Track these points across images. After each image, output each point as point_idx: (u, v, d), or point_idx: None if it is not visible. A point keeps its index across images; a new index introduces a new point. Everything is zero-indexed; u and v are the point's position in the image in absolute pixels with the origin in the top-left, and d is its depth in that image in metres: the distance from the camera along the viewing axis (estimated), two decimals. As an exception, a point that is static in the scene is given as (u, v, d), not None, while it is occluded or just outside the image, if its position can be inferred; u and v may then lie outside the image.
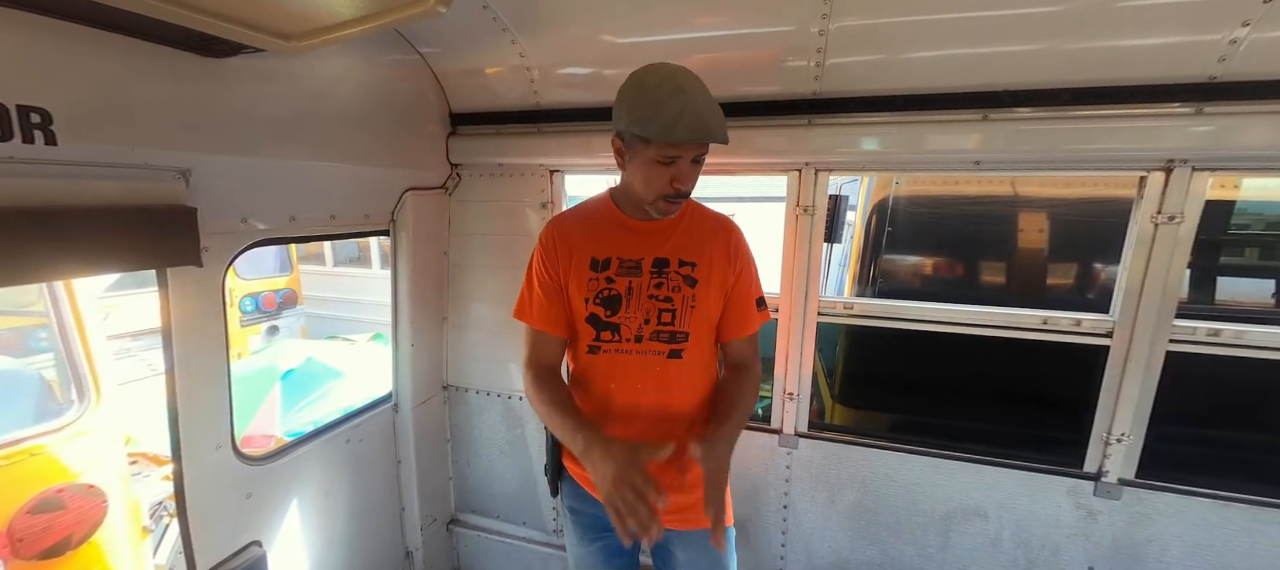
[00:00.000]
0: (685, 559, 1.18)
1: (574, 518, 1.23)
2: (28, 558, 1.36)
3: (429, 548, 1.94)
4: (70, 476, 1.47)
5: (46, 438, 1.44)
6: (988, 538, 1.47)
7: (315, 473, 1.52)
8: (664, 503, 0.90)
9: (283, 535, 1.41)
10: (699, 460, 1.01)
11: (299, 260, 6.70)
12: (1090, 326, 1.34)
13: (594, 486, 1.07)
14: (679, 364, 1.11)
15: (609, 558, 1.23)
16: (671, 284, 1.10)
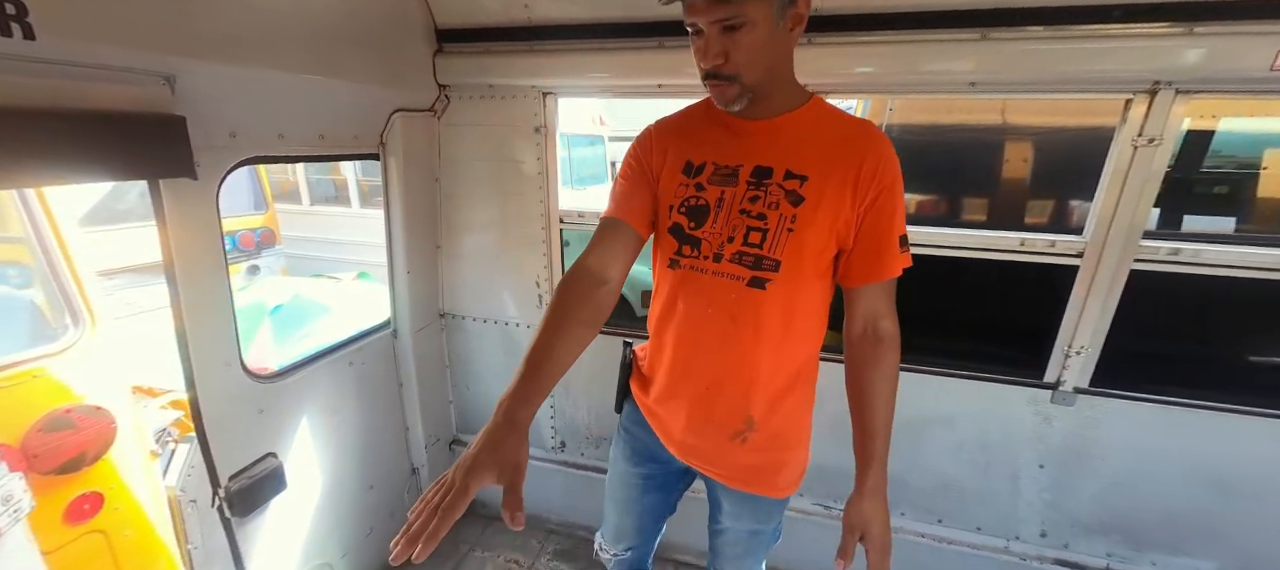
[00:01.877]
0: (729, 511, 1.13)
1: (627, 438, 1.19)
2: (46, 472, 1.40)
3: (433, 465, 2.04)
4: (75, 398, 1.49)
5: (46, 360, 1.44)
6: (953, 442, 1.61)
7: (322, 392, 1.57)
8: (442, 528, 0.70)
9: (296, 448, 1.48)
10: (860, 532, 0.92)
11: (274, 198, 6.48)
12: (1063, 247, 1.42)
13: (654, 416, 1.09)
14: (760, 297, 0.92)
15: (648, 485, 1.20)
16: (769, 199, 0.90)
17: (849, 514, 0.94)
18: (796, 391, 1.02)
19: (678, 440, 1.06)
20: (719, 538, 1.20)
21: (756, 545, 1.18)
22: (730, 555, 1.20)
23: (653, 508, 1.25)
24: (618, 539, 1.29)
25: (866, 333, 0.97)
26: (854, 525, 0.93)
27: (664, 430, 1.09)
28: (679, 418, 1.04)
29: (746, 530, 1.15)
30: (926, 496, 1.67)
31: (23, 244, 1.55)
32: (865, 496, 0.93)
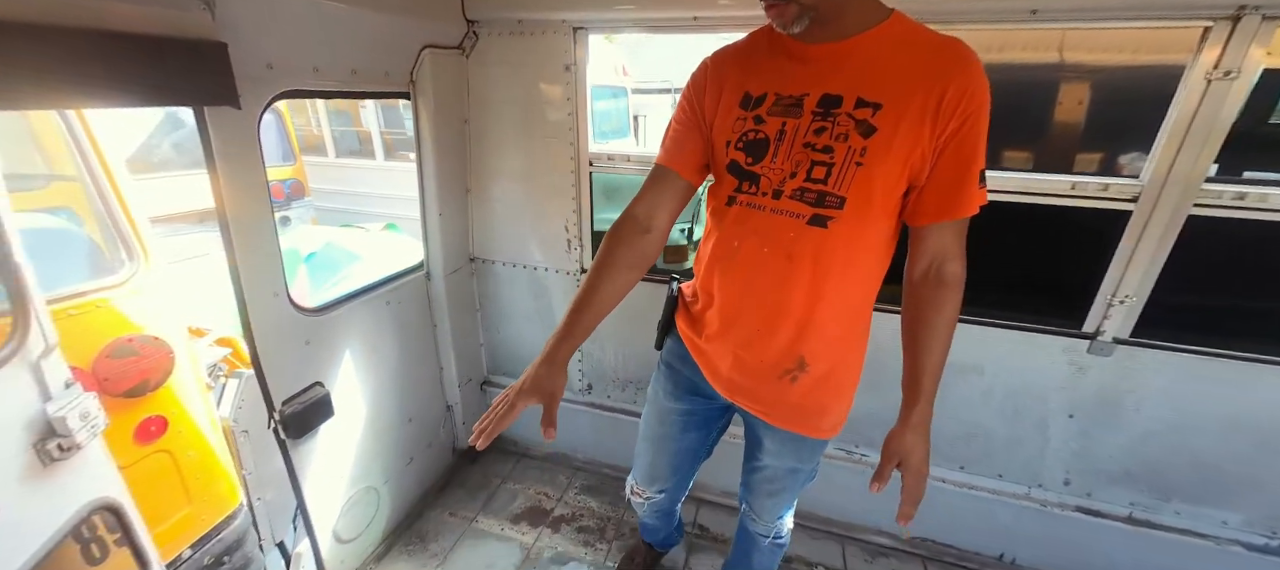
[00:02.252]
0: (770, 448, 1.14)
1: (669, 374, 1.18)
2: (115, 395, 1.49)
3: (466, 404, 2.12)
4: (135, 328, 1.58)
5: (107, 293, 1.52)
6: (981, 390, 1.60)
7: (362, 328, 1.63)
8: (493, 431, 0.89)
9: (341, 379, 1.55)
10: (901, 463, 0.93)
11: (300, 151, 6.57)
12: (1117, 191, 1.36)
13: (701, 353, 1.09)
14: (821, 236, 0.87)
15: (688, 422, 1.20)
16: (838, 130, 0.83)
17: (890, 443, 0.96)
18: (851, 335, 0.99)
19: (725, 378, 1.06)
20: (756, 475, 1.22)
21: (793, 483, 1.19)
22: (766, 492, 1.22)
23: (690, 448, 1.25)
24: (651, 480, 1.30)
25: (929, 275, 0.91)
26: (894, 453, 0.95)
27: (711, 368, 1.08)
28: (727, 356, 1.03)
29: (786, 468, 1.16)
30: (950, 443, 1.68)
31: (76, 182, 1.61)
32: (909, 429, 0.93)
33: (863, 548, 1.84)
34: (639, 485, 1.33)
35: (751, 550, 1.37)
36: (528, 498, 2.05)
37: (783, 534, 1.32)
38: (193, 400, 1.75)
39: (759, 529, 1.31)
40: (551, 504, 2.02)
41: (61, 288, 1.49)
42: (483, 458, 2.25)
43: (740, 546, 1.42)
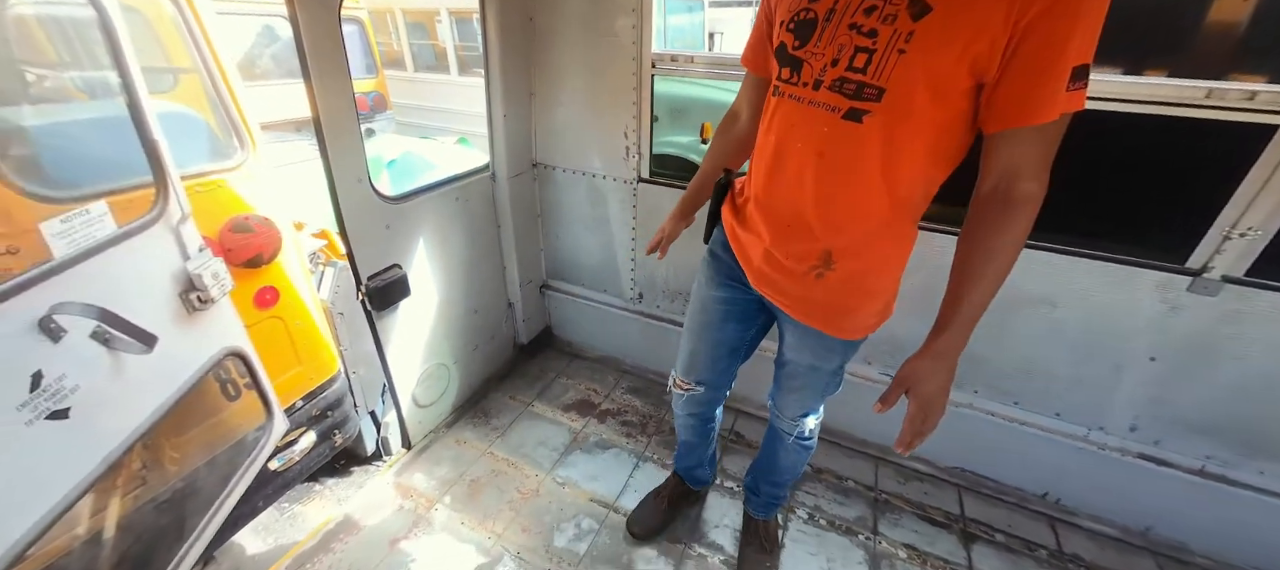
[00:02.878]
0: (791, 342, 1.16)
1: (713, 262, 1.21)
2: (236, 265, 1.74)
3: (526, 304, 2.28)
4: (249, 209, 1.81)
5: (225, 175, 1.75)
6: (1051, 324, 1.50)
7: (434, 220, 1.78)
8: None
9: (415, 265, 1.72)
10: (907, 388, 0.85)
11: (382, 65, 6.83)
12: (1268, 101, 1.16)
13: (736, 241, 1.11)
14: (854, 132, 0.80)
15: (729, 312, 1.22)
16: (886, 10, 0.75)
17: (904, 367, 0.88)
18: (886, 240, 0.93)
19: (756, 268, 1.07)
20: (781, 370, 1.26)
21: (813, 383, 1.20)
22: (787, 388, 1.25)
23: (729, 341, 1.25)
24: (690, 370, 1.33)
25: (996, 192, 0.78)
26: (903, 379, 0.87)
27: (745, 257, 1.11)
28: (758, 246, 1.04)
29: (805, 365, 1.17)
30: (1005, 377, 1.62)
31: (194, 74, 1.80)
32: (927, 355, 0.84)
33: (897, 470, 1.86)
34: (680, 377, 1.37)
35: (777, 448, 1.42)
36: (578, 392, 2.23)
37: (806, 435, 1.35)
38: (298, 278, 2.00)
39: (783, 426, 1.34)
40: (599, 399, 2.18)
41: (189, 168, 1.73)
42: (540, 353, 2.44)
43: (767, 444, 1.47)
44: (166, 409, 1.39)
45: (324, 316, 2.07)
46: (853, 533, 1.65)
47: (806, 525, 1.67)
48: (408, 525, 1.66)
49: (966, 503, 1.75)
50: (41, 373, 1.09)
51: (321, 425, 2.18)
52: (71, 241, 1.15)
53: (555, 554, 1.57)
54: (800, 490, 1.78)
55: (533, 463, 1.88)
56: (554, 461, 1.89)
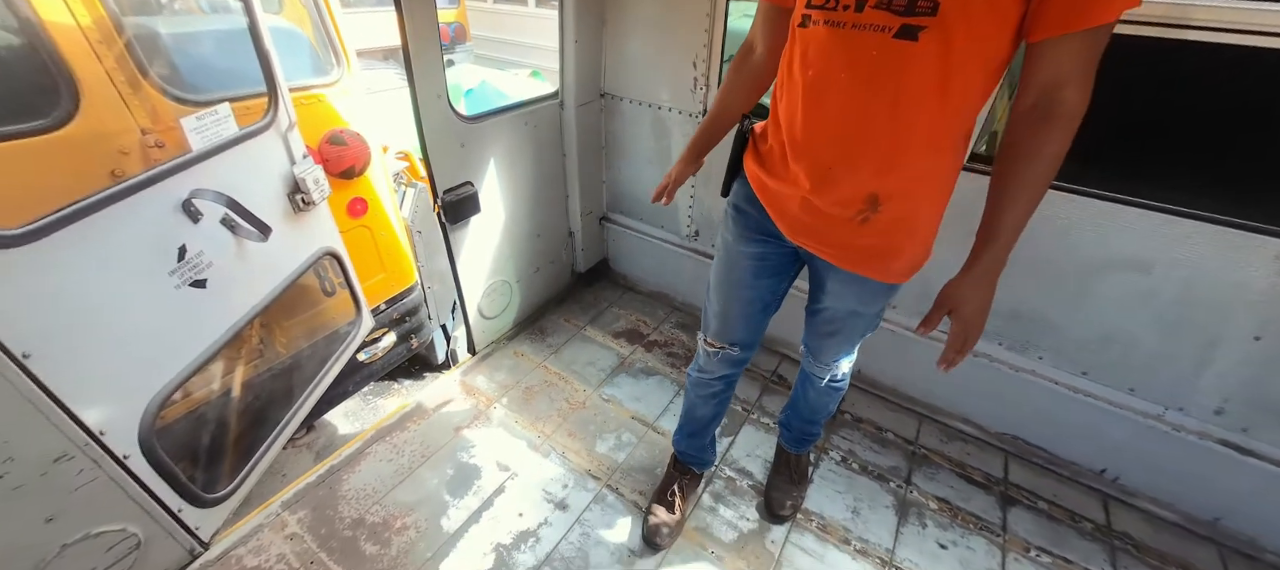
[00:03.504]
0: (832, 289, 1.12)
1: (738, 218, 1.15)
2: (332, 175, 1.93)
3: (586, 233, 2.37)
4: (344, 124, 1.98)
5: (323, 90, 1.92)
6: (1140, 291, 1.38)
7: (504, 143, 1.87)
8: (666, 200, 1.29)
9: (485, 184, 1.84)
10: (952, 311, 0.90)
11: (462, -5, 6.93)
12: None
13: (767, 192, 1.05)
14: (908, 52, 0.76)
15: (760, 268, 1.17)
16: None
17: (945, 289, 0.92)
18: (935, 173, 0.88)
19: (792, 217, 1.02)
20: (817, 317, 1.22)
21: (853, 327, 1.18)
22: (824, 333, 1.23)
23: (762, 297, 1.21)
24: (723, 331, 1.28)
25: (1038, 107, 0.76)
26: (945, 300, 0.91)
27: (778, 208, 1.05)
28: (795, 195, 0.98)
29: (847, 310, 1.14)
30: (1078, 346, 1.52)
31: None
32: (968, 277, 0.88)
33: (940, 429, 1.83)
34: (712, 338, 1.32)
35: (809, 389, 1.43)
36: (629, 321, 2.33)
37: (839, 377, 1.35)
38: (384, 193, 2.19)
39: (816, 371, 1.34)
40: (648, 330, 2.28)
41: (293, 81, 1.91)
42: (595, 283, 2.55)
43: (799, 386, 1.48)
44: (278, 293, 1.62)
45: (405, 232, 2.26)
46: (884, 479, 1.67)
47: (838, 466, 1.70)
48: (470, 417, 1.87)
49: (1012, 469, 1.70)
50: (185, 247, 1.31)
51: (401, 328, 2.43)
52: (204, 137, 1.34)
53: (597, 458, 1.72)
54: (836, 434, 1.81)
55: (582, 379, 2.02)
56: (601, 380, 2.02)
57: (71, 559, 1.18)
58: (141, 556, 1.31)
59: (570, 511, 1.56)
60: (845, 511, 1.57)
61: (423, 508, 1.58)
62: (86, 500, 1.17)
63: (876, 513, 1.57)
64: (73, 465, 1.13)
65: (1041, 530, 1.53)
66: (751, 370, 2.06)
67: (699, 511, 1.57)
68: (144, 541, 1.30)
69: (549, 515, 1.55)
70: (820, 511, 1.57)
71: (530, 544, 1.48)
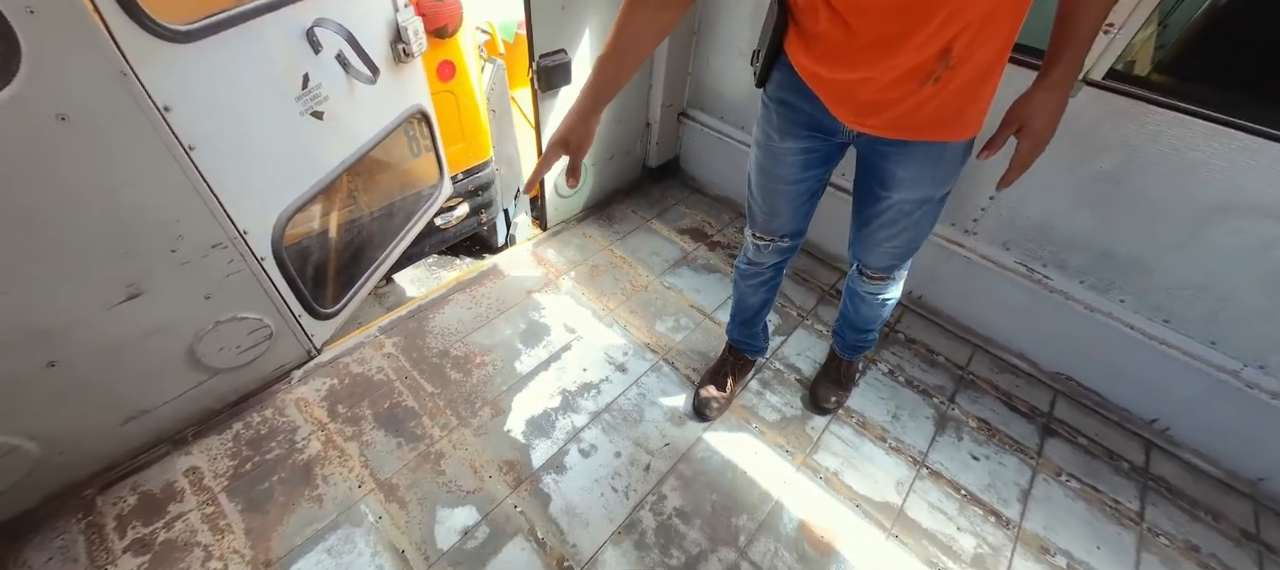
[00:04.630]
0: (903, 176, 1.03)
1: (782, 111, 1.07)
2: (428, 32, 1.98)
3: (663, 127, 2.37)
4: (438, -15, 1.99)
5: (420, -50, 1.91)
6: (1261, 241, 1.30)
7: (601, 16, 1.85)
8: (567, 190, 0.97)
9: (579, 55, 1.85)
10: (1021, 128, 0.91)
11: None
12: None
13: (819, 80, 0.95)
14: None
15: (809, 161, 1.11)
16: None
17: (1016, 105, 0.93)
18: (1010, 14, 0.80)
19: (857, 103, 0.94)
20: (877, 218, 1.14)
21: (920, 222, 1.12)
22: (885, 236, 1.16)
23: (810, 186, 1.17)
24: (772, 226, 1.27)
25: None
26: (1016, 116, 0.93)
27: (839, 97, 0.96)
28: (853, 73, 0.89)
29: (917, 199, 1.06)
30: (1166, 293, 1.48)
31: None
32: (1040, 90, 0.90)
33: (993, 360, 1.86)
34: (761, 232, 1.29)
35: (859, 305, 1.43)
36: (694, 220, 2.38)
37: (891, 295, 1.34)
38: (470, 61, 2.22)
39: (867, 289, 1.33)
40: (712, 231, 2.32)
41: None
42: (664, 180, 2.58)
43: (848, 302, 1.48)
44: (377, 141, 1.73)
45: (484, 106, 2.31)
46: (928, 394, 1.73)
47: (885, 377, 1.77)
48: (540, 283, 2.01)
49: (1058, 405, 1.73)
50: (308, 76, 1.41)
51: (474, 201, 2.56)
52: (327, -31, 1.39)
53: (656, 335, 1.85)
54: (887, 349, 1.87)
55: (645, 266, 2.12)
56: (663, 270, 2.11)
57: (222, 334, 1.41)
58: (272, 346, 1.54)
59: (629, 374, 1.71)
60: (886, 415, 1.66)
61: (498, 351, 1.76)
62: (234, 287, 1.37)
63: (916, 421, 1.65)
64: (225, 254, 1.31)
65: (1076, 460, 1.59)
66: (809, 280, 2.10)
67: (747, 394, 1.69)
68: (274, 334, 1.53)
69: (610, 374, 1.71)
70: (861, 411, 1.67)
71: (592, 394, 1.65)
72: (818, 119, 1.03)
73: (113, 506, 1.33)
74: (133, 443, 1.40)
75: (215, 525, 1.31)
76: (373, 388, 1.63)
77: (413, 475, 1.43)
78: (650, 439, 1.55)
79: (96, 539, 1.27)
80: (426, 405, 1.59)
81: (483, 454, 1.48)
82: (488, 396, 1.63)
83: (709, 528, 1.37)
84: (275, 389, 1.60)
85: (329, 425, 1.53)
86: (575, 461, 1.48)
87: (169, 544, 1.28)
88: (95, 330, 1.18)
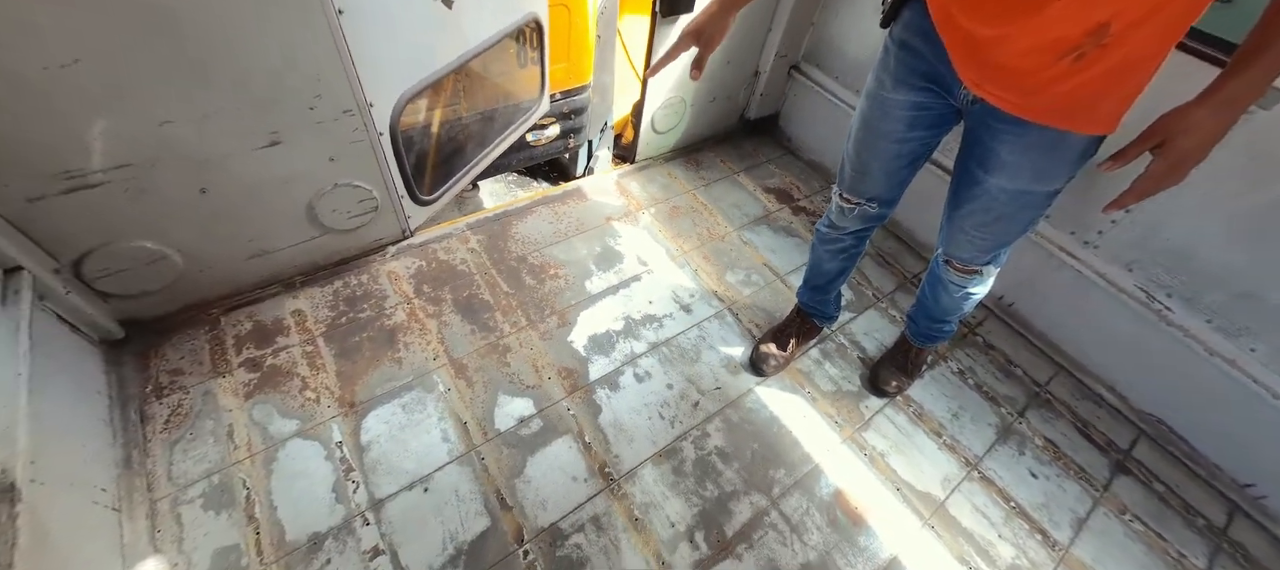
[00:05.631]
0: (1008, 159, 0.94)
1: (904, 55, 0.98)
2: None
3: (771, 78, 2.28)
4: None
5: None
6: None
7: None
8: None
9: (702, -14, 1.80)
10: (1163, 143, 0.74)
11: None
12: None
13: (950, 25, 0.85)
14: None
15: (917, 120, 1.02)
16: None
17: (1169, 116, 0.76)
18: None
19: (983, 61, 0.84)
20: (973, 202, 1.05)
21: (1018, 215, 1.01)
22: (979, 223, 1.06)
23: (912, 149, 1.08)
24: (860, 186, 1.19)
25: None
26: (1164, 128, 0.76)
27: (966, 49, 0.86)
28: (990, 27, 0.79)
29: (1017, 189, 0.96)
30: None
31: None
32: (1207, 103, 0.72)
33: (1076, 385, 1.74)
34: (848, 192, 1.22)
35: (940, 293, 1.34)
36: (783, 181, 2.32)
37: (974, 291, 1.23)
38: (590, -30, 2.19)
39: (953, 277, 1.23)
40: (799, 196, 2.26)
41: None
42: (759, 135, 2.51)
43: (928, 287, 1.39)
44: (495, 40, 1.77)
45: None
46: (995, 402, 1.66)
47: (953, 376, 1.71)
48: (620, 213, 2.05)
49: (1139, 447, 1.62)
50: (453, -37, 1.45)
51: (565, 124, 2.60)
52: None
53: (725, 284, 1.86)
54: (960, 349, 1.79)
55: (725, 217, 2.10)
56: (742, 224, 2.09)
57: (338, 196, 1.54)
58: (375, 219, 1.68)
59: (693, 315, 1.75)
60: (945, 412, 1.61)
61: (572, 267, 1.83)
62: (354, 155, 1.49)
63: (977, 425, 1.60)
64: (353, 121, 1.42)
65: (1146, 504, 1.50)
66: (892, 264, 2.02)
67: (805, 360, 1.68)
68: (379, 208, 1.66)
69: (674, 312, 1.75)
70: (921, 402, 1.63)
71: (654, 326, 1.70)
72: (938, 70, 0.94)
73: (232, 328, 1.53)
74: (253, 277, 1.59)
75: (312, 362, 1.49)
76: (455, 276, 1.75)
77: (481, 360, 1.55)
78: (703, 379, 1.59)
79: (218, 351, 1.48)
80: (500, 302, 1.70)
81: (545, 356, 1.58)
82: (557, 307, 1.71)
83: (746, 472, 1.41)
84: (371, 258, 1.75)
85: (414, 300, 1.66)
86: (629, 383, 1.55)
87: (274, 368, 1.46)
88: (241, 168, 1.33)
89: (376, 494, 1.27)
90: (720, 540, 1.29)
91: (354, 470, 1.30)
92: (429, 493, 1.28)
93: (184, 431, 1.31)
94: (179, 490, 1.23)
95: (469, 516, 1.26)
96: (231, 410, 1.36)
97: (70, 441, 1.12)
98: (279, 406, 1.39)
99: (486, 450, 1.37)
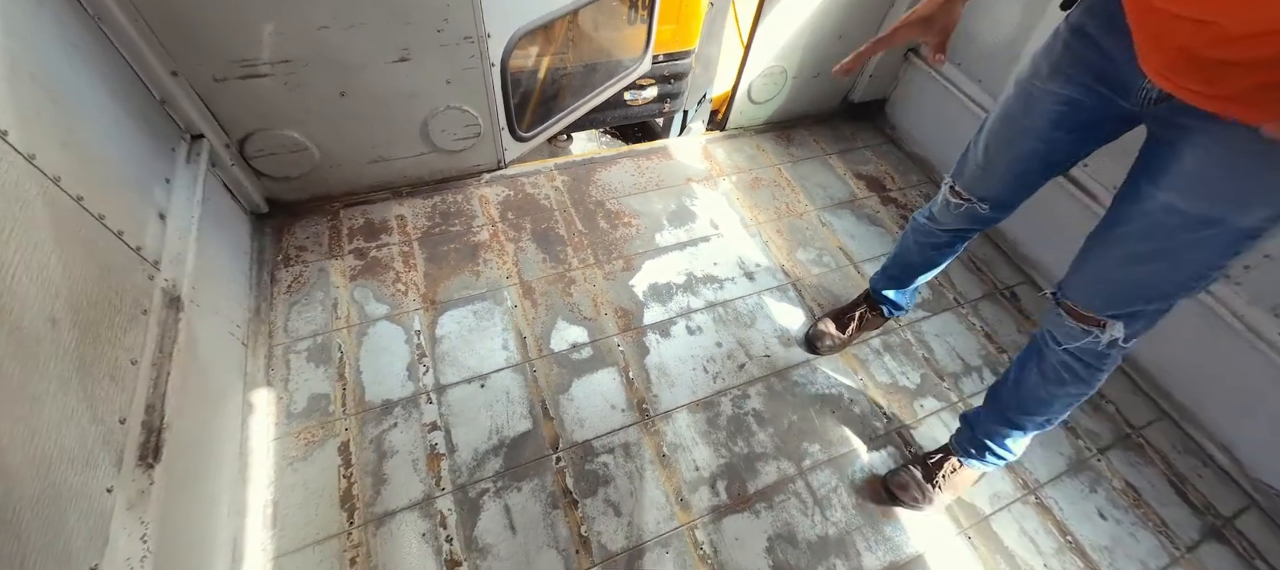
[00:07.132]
0: (1187, 170, 0.75)
1: (1076, 42, 0.84)
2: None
3: (884, 60, 2.17)
4: None
5: None
6: None
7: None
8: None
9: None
10: None
11: None
12: None
13: (1142, 10, 0.70)
14: None
15: (1065, 116, 0.89)
16: None
17: None
18: None
19: (1178, 51, 0.67)
20: (1131, 225, 0.82)
21: (1181, 249, 0.78)
22: (1134, 255, 0.82)
23: (1051, 152, 0.93)
24: (976, 182, 1.06)
25: None
26: None
27: (1155, 34, 0.70)
28: (1200, 11, 0.61)
29: (1192, 214, 0.75)
30: None
31: None
32: None
33: (1180, 437, 1.53)
34: (961, 185, 1.09)
35: (1030, 367, 1.05)
36: (877, 169, 2.21)
37: (1080, 364, 0.95)
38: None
39: (1064, 329, 0.94)
40: (891, 187, 2.15)
41: None
42: (860, 120, 2.40)
43: (1020, 363, 1.10)
44: (607, -10, 1.83)
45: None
46: (1074, 433, 1.51)
47: (1029, 398, 1.58)
48: (701, 176, 2.07)
49: (1245, 519, 1.41)
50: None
51: (664, 87, 2.64)
52: None
53: (795, 261, 1.83)
54: (1044, 375, 1.64)
55: (808, 196, 2.06)
56: (825, 205, 2.03)
57: (447, 118, 1.71)
58: (476, 145, 1.84)
59: (755, 284, 1.75)
60: (1011, 432, 1.50)
61: (645, 218, 1.89)
62: (468, 81, 1.64)
63: (1046, 451, 1.47)
64: (471, 49, 1.57)
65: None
66: (983, 270, 1.88)
67: (865, 348, 1.63)
68: (481, 134, 1.81)
69: (736, 277, 1.76)
70: (985, 416, 1.52)
71: (714, 287, 1.73)
72: (1111, 68, 0.81)
73: (348, 221, 1.77)
74: (370, 180, 1.82)
75: (407, 261, 1.68)
76: (537, 209, 1.88)
77: (548, 287, 1.67)
78: (753, 345, 1.60)
79: (335, 238, 1.71)
80: (573, 239, 1.80)
81: (605, 295, 1.67)
82: (624, 252, 1.78)
83: (779, 439, 1.42)
84: (467, 181, 1.93)
85: (498, 224, 1.82)
86: (680, 334, 1.60)
87: (375, 260, 1.67)
88: (375, 77, 1.52)
89: (442, 380, 1.43)
90: (741, 493, 1.32)
91: (426, 356, 1.47)
92: (485, 389, 1.43)
93: (300, 296, 1.56)
94: (291, 341, 1.46)
95: (515, 416, 1.38)
96: (339, 287, 1.59)
97: (221, 281, 1.37)
98: (375, 292, 1.60)
99: (539, 365, 1.49)
